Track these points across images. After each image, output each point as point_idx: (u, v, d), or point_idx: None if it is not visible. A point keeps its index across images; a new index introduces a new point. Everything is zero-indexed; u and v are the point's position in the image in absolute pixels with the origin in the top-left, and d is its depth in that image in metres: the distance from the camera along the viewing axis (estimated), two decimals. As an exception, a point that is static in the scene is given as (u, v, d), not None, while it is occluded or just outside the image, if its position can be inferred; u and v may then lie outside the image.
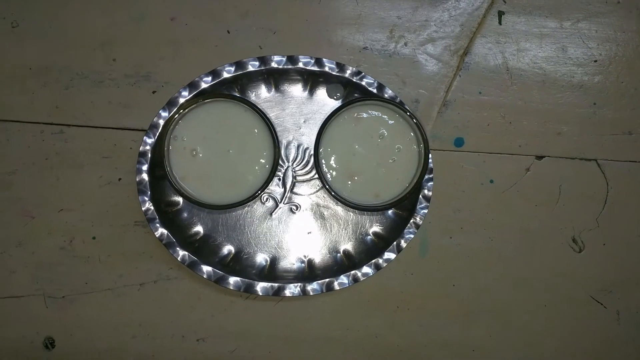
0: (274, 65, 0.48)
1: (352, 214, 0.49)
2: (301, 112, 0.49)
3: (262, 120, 0.43)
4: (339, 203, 0.46)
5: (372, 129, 0.45)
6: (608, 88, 0.51)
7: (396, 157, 0.45)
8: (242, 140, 0.44)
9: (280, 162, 0.48)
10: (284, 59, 0.48)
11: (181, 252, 0.46)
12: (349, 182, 0.45)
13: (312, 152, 0.48)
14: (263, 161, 0.44)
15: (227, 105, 0.43)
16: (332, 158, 0.45)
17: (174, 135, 0.43)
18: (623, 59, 0.51)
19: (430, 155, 0.47)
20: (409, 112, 0.43)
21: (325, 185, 0.43)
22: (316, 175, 0.47)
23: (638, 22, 0.51)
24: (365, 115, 0.45)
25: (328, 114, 0.44)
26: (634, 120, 0.51)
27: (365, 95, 0.48)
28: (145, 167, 0.46)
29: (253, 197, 0.43)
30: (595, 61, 0.51)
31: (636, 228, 0.51)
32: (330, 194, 0.43)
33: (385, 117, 0.44)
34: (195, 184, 0.44)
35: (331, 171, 0.44)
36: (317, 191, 0.49)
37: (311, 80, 0.49)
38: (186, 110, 0.43)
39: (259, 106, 0.44)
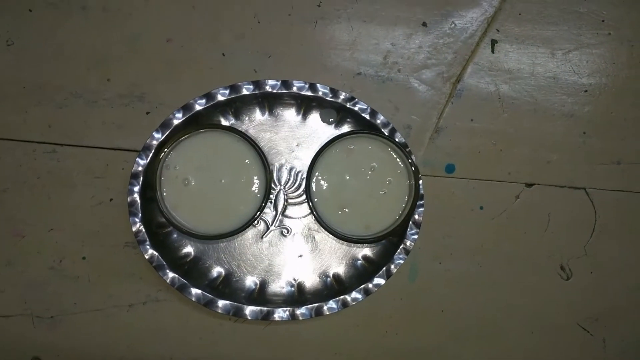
0: (268, 89, 0.48)
1: (342, 238, 0.50)
2: (294, 136, 0.50)
3: (254, 150, 0.44)
4: (329, 234, 0.46)
5: (364, 161, 0.45)
6: (598, 118, 0.51)
7: (387, 190, 0.45)
8: (234, 170, 0.44)
9: (272, 185, 0.48)
10: (279, 83, 0.48)
11: (171, 275, 0.46)
12: (339, 212, 0.45)
13: (304, 175, 0.49)
14: (255, 191, 0.44)
15: (219, 135, 0.44)
16: (324, 189, 0.45)
17: (166, 164, 0.43)
18: (613, 89, 0.51)
19: (421, 182, 0.48)
20: (400, 146, 0.44)
21: (315, 215, 0.44)
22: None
23: (628, 54, 0.51)
24: (357, 147, 0.45)
25: (321, 146, 0.44)
26: (622, 150, 0.51)
27: (358, 122, 0.48)
28: (137, 189, 0.46)
29: (244, 228, 0.43)
30: (586, 91, 0.51)
31: (623, 257, 0.51)
32: (321, 225, 0.44)
33: (377, 149, 0.45)
34: (186, 214, 0.44)
35: (322, 201, 0.45)
36: (308, 214, 0.49)
37: (305, 105, 0.49)
38: (179, 140, 0.43)
39: (250, 136, 0.44)
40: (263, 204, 0.43)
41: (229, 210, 0.44)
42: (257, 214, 0.43)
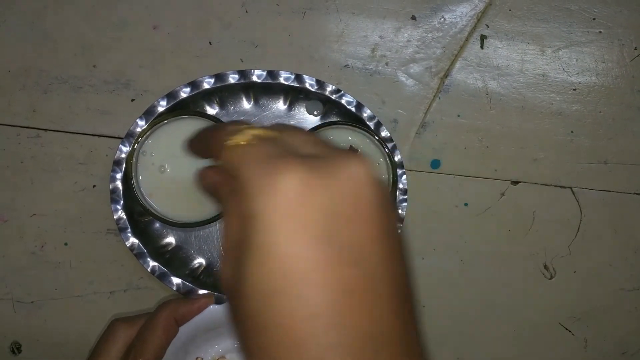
0: (254, 79, 0.48)
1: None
2: (280, 127, 0.49)
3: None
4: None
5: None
6: (586, 117, 0.51)
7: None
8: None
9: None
10: (265, 73, 0.48)
11: (152, 263, 0.46)
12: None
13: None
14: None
15: (197, 123, 0.43)
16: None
17: (143, 150, 0.43)
18: (602, 88, 0.51)
19: (405, 177, 0.48)
20: (380, 139, 0.43)
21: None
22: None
23: (619, 53, 0.51)
24: (336, 138, 0.45)
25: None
26: (610, 149, 0.51)
27: (344, 115, 0.48)
28: (119, 176, 0.46)
29: (220, 217, 0.43)
30: (575, 89, 0.51)
31: (607, 257, 0.51)
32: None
33: (357, 141, 0.45)
34: (162, 201, 0.44)
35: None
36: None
37: (291, 96, 0.49)
38: (155, 126, 0.43)
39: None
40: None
41: (204, 198, 0.44)
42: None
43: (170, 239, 0.48)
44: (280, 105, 0.49)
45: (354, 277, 0.20)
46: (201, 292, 0.46)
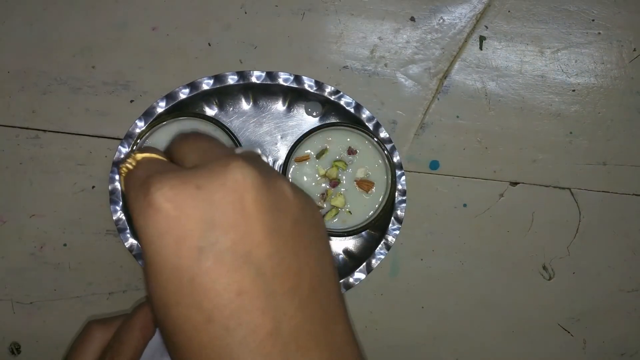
0: (253, 80, 0.48)
1: (324, 232, 0.49)
2: (279, 128, 0.49)
3: (231, 141, 0.43)
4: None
5: (342, 154, 0.45)
6: (585, 118, 0.51)
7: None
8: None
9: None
10: (264, 74, 0.48)
11: (151, 264, 0.46)
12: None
13: (288, 168, 0.48)
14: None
15: (197, 124, 0.43)
16: (304, 180, 0.45)
17: (142, 152, 0.43)
18: (601, 89, 0.51)
19: (404, 177, 0.48)
20: (378, 140, 0.43)
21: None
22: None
23: (618, 54, 0.51)
24: (335, 139, 0.45)
25: (298, 137, 0.44)
26: (608, 151, 0.51)
27: (343, 116, 0.48)
28: (118, 177, 0.46)
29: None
30: (574, 90, 0.51)
31: (606, 258, 0.51)
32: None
33: (355, 142, 0.45)
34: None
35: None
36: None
37: (290, 97, 0.49)
38: (154, 127, 0.43)
39: (228, 126, 0.44)
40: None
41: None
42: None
43: (169, 240, 0.48)
44: (280, 106, 0.49)
45: (244, 278, 0.21)
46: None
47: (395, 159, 0.47)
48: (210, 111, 0.49)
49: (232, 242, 0.21)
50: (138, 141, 0.42)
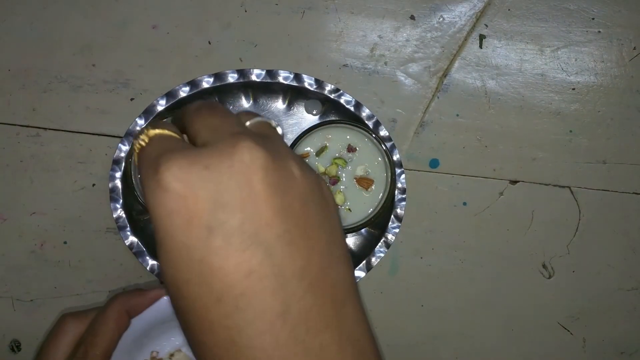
0: (253, 78, 0.48)
1: (324, 230, 0.49)
2: (279, 126, 0.49)
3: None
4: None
5: (341, 152, 0.45)
6: (585, 116, 0.51)
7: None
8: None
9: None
10: (264, 72, 0.48)
11: (151, 262, 0.46)
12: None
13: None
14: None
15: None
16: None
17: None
18: (601, 88, 0.51)
19: (404, 176, 0.48)
20: (378, 137, 0.44)
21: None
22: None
23: (617, 53, 0.51)
24: (334, 137, 0.45)
25: (297, 135, 0.44)
26: (608, 149, 0.51)
27: (343, 114, 0.48)
28: (118, 174, 0.46)
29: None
30: (573, 89, 0.51)
31: (606, 257, 0.51)
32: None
33: (355, 140, 0.45)
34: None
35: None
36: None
37: (290, 95, 0.49)
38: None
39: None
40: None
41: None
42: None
43: (169, 238, 0.49)
44: (280, 104, 0.49)
45: (253, 258, 0.21)
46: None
47: (395, 157, 0.47)
48: (210, 109, 0.49)
49: (240, 222, 0.21)
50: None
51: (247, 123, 0.26)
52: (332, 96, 0.48)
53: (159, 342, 0.43)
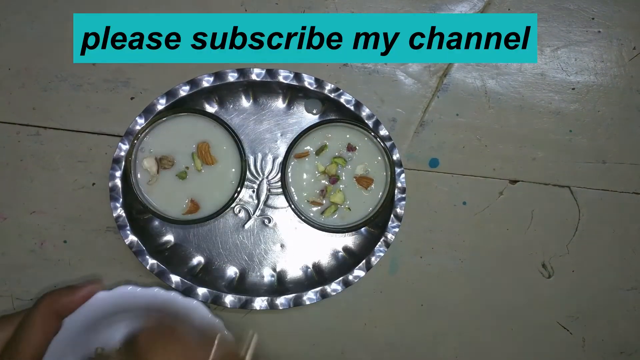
0: (253, 77, 0.48)
1: (324, 230, 0.49)
2: (279, 126, 0.49)
3: (231, 137, 0.44)
4: (304, 222, 0.46)
5: (341, 151, 0.45)
6: (584, 116, 0.51)
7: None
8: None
9: (255, 174, 0.48)
10: (264, 72, 0.48)
11: (150, 261, 0.46)
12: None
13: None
14: (231, 178, 0.44)
15: (196, 120, 0.44)
16: (300, 178, 0.45)
17: (142, 147, 0.43)
18: (600, 88, 0.51)
19: (404, 175, 0.48)
20: (378, 136, 0.44)
21: (291, 205, 0.44)
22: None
23: (617, 53, 0.51)
24: (334, 136, 0.45)
25: (297, 134, 0.44)
26: (608, 149, 0.51)
27: (343, 114, 0.48)
28: (118, 173, 0.46)
29: (217, 214, 0.43)
30: (573, 89, 0.51)
31: (605, 256, 0.51)
32: (296, 214, 0.44)
33: (355, 139, 0.45)
34: (161, 198, 0.44)
35: (298, 192, 0.45)
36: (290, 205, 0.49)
37: (290, 94, 0.49)
38: (155, 123, 0.43)
39: (229, 123, 0.44)
40: (237, 192, 0.43)
41: (204, 196, 0.44)
42: (230, 202, 0.43)
43: (169, 237, 0.49)
44: (280, 103, 0.49)
45: None
46: (200, 289, 0.47)
47: (395, 156, 0.47)
48: (211, 108, 0.49)
49: None
50: (138, 137, 0.42)
51: None
52: (332, 95, 0.48)
53: (104, 337, 0.41)
